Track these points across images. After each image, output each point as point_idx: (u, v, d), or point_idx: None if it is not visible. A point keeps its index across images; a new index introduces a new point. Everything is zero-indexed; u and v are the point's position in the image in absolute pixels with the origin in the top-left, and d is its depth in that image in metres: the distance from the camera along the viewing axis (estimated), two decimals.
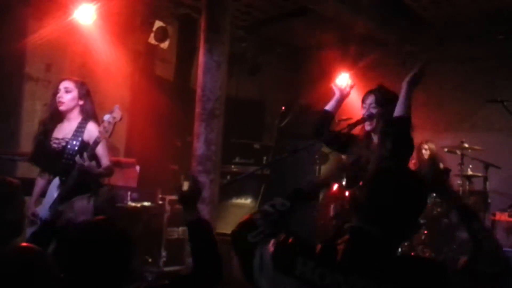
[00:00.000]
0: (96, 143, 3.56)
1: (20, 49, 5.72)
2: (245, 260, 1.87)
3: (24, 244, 2.00)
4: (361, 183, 2.01)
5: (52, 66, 6.06)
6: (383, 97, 3.39)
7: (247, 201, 6.57)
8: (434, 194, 5.36)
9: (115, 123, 3.53)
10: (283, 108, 7.02)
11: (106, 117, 3.54)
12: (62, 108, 3.81)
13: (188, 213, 2.22)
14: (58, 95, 3.80)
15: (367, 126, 3.43)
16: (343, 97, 3.73)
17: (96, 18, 5.83)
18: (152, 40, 6.72)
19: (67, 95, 3.81)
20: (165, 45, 6.88)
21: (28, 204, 3.82)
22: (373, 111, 3.38)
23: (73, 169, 3.58)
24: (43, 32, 5.64)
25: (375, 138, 3.42)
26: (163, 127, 6.71)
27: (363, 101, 3.48)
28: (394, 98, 3.35)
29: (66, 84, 3.82)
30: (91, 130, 3.77)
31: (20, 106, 5.84)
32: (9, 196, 2.56)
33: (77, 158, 3.51)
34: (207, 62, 4.54)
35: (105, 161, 3.75)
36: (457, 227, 2.72)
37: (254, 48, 8.11)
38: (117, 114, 3.53)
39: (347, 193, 4.16)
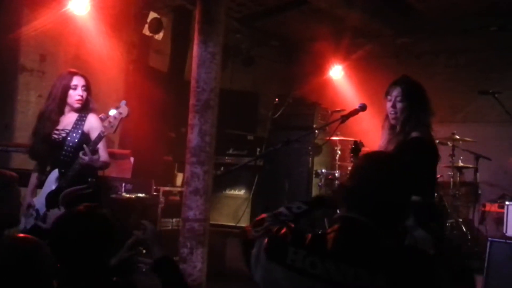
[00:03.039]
0: (100, 137, 3.57)
1: (15, 40, 5.71)
2: (247, 253, 1.92)
3: (21, 234, 2.03)
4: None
5: (46, 57, 6.07)
6: (408, 89, 3.21)
7: (240, 192, 6.62)
8: None
9: (121, 119, 3.54)
10: (276, 99, 7.05)
11: (112, 112, 3.53)
12: (79, 105, 3.81)
13: (154, 252, 2.36)
14: (78, 93, 3.79)
15: (392, 120, 3.25)
16: None
17: (91, 9, 5.84)
18: (146, 31, 6.72)
19: (85, 93, 3.83)
20: (159, 36, 6.88)
21: (24, 195, 3.85)
22: (399, 104, 3.20)
23: (74, 162, 3.59)
24: (38, 23, 5.64)
25: (398, 126, 3.23)
26: (157, 118, 6.72)
27: (388, 93, 3.27)
28: (417, 88, 3.26)
29: (83, 82, 3.82)
30: (92, 121, 3.79)
31: (15, 97, 5.85)
32: (5, 189, 2.57)
33: (81, 153, 3.53)
34: (201, 53, 4.54)
35: (103, 155, 3.75)
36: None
37: (249, 40, 8.12)
38: (124, 110, 3.53)
39: None
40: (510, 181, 5.87)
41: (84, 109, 3.85)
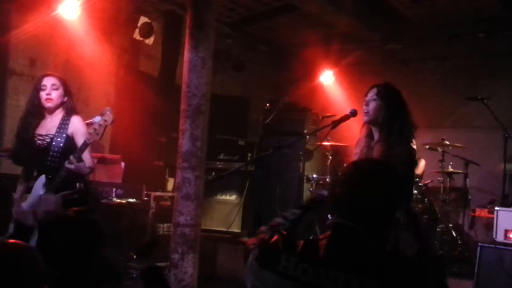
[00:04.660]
0: (86, 145, 3.55)
1: (4, 44, 5.68)
2: (245, 263, 1.96)
3: (12, 240, 2.01)
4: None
5: (36, 61, 6.03)
6: (385, 91, 3.34)
7: (231, 197, 6.61)
8: (416, 191, 5.46)
9: (106, 126, 3.53)
10: (267, 105, 7.06)
11: (97, 119, 3.53)
12: (50, 105, 3.77)
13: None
14: (46, 92, 3.76)
15: (364, 117, 3.35)
16: None
17: (81, 13, 5.81)
18: (137, 36, 6.71)
19: (55, 92, 3.78)
20: (150, 41, 6.88)
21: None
22: (373, 103, 3.32)
23: (60, 166, 3.57)
24: (28, 27, 5.60)
25: (376, 133, 3.34)
26: (148, 123, 6.71)
27: (366, 94, 3.40)
28: (396, 94, 3.36)
29: (52, 81, 3.79)
30: (75, 124, 3.76)
31: (4, 102, 5.81)
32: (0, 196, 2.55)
33: (66, 163, 3.51)
34: (192, 58, 4.54)
35: (87, 160, 3.72)
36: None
37: (239, 45, 8.13)
38: (109, 117, 3.53)
39: None
40: (499, 187, 5.91)
41: (66, 111, 3.81)
